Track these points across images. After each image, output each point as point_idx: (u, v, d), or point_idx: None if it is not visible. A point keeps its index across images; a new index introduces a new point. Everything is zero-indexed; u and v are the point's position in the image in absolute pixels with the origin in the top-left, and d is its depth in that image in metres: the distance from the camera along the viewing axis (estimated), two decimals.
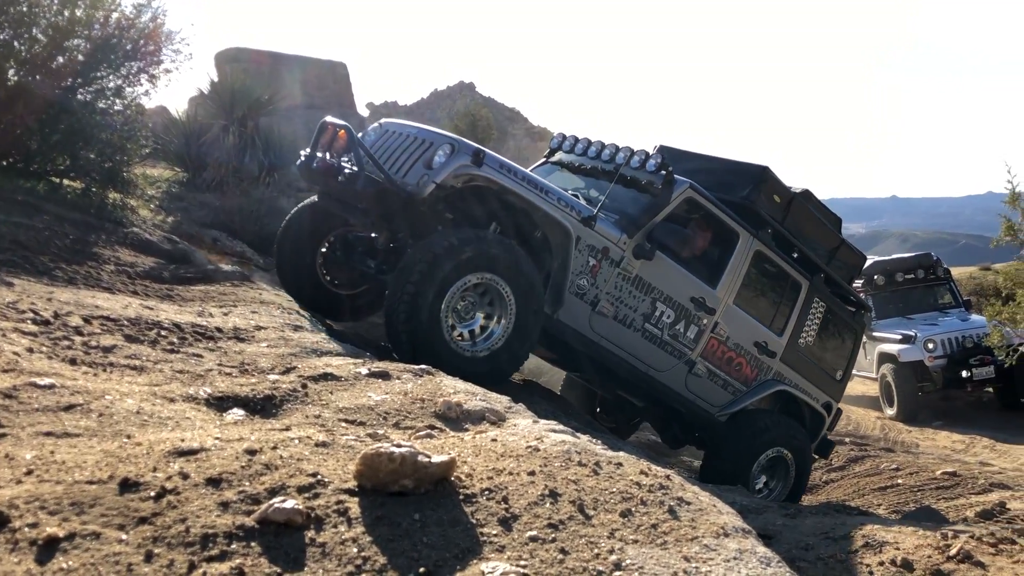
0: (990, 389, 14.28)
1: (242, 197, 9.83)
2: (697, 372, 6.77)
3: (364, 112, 29.21)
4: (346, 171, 5.60)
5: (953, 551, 4.26)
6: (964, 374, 13.52)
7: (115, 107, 7.97)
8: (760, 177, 6.97)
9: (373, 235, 6.38)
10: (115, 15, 7.78)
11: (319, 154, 6.05)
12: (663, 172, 6.32)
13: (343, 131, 5.84)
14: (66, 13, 7.29)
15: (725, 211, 6.72)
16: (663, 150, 7.53)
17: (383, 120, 6.35)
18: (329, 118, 6.30)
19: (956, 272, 18.87)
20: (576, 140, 7.12)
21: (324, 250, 6.56)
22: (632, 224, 6.18)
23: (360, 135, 6.15)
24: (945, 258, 16.32)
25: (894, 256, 17.09)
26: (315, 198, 6.49)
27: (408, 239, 5.77)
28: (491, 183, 5.54)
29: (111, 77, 7.88)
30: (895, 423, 13.58)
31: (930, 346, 13.86)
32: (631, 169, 6.47)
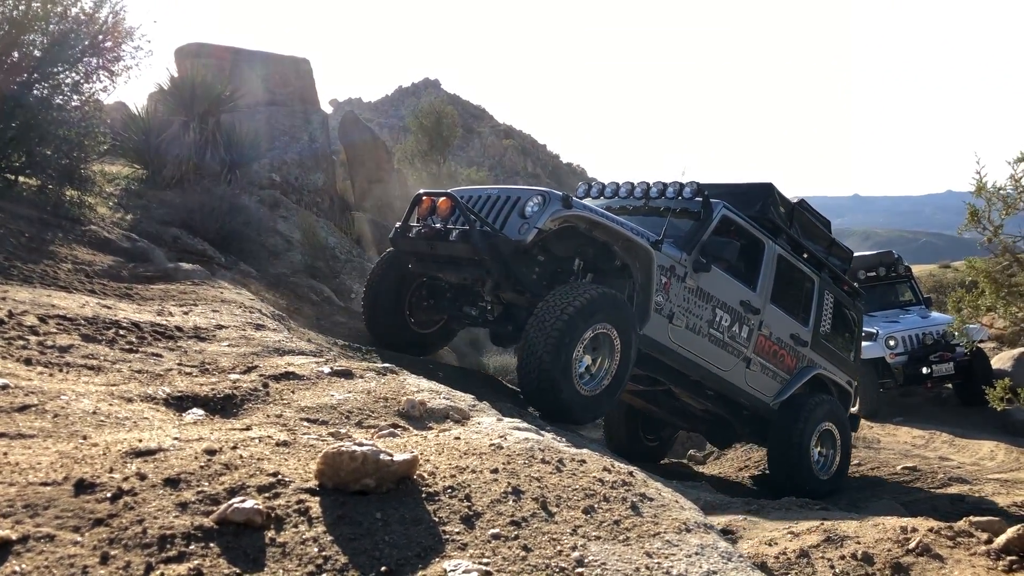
0: (949, 385, 14.47)
1: (203, 195, 9.66)
2: (753, 368, 7.61)
3: (328, 109, 28.96)
4: (455, 231, 6.14)
5: (912, 544, 4.33)
6: (924, 371, 13.70)
7: (72, 103, 7.83)
8: (768, 192, 7.94)
9: (460, 282, 6.89)
10: (74, 10, 7.65)
11: (413, 223, 6.61)
12: (699, 198, 7.13)
13: (446, 198, 6.35)
14: (22, 7, 7.15)
15: (751, 224, 7.64)
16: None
17: (451, 190, 6.74)
18: (424, 190, 6.86)
19: (916, 270, 19.12)
20: (603, 185, 7.83)
21: (409, 296, 7.20)
22: (687, 244, 6.91)
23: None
24: (906, 256, 16.51)
25: (856, 254, 17.27)
26: (389, 253, 7.13)
27: (513, 287, 6.30)
28: (582, 220, 6.16)
29: (69, 73, 7.74)
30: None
31: (891, 343, 14.05)
32: (666, 200, 7.27)
